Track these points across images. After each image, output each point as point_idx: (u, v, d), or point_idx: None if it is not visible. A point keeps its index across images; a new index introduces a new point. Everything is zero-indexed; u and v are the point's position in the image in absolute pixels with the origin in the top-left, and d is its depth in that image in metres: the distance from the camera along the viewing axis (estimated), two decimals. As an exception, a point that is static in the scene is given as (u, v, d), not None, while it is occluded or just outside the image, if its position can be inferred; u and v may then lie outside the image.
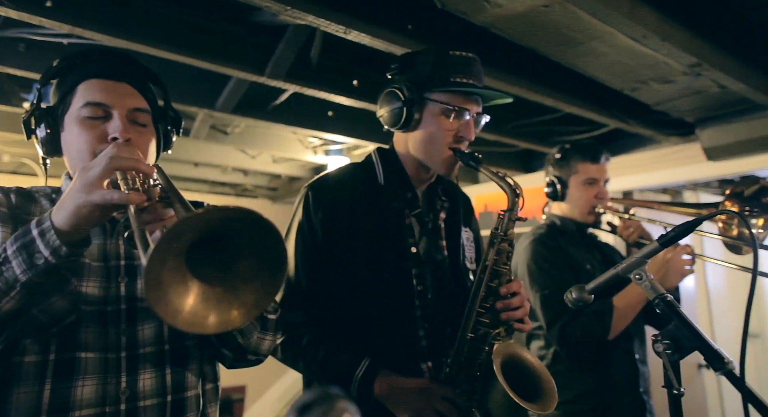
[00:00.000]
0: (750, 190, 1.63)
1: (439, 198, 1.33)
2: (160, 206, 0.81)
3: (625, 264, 1.03)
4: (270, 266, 0.68)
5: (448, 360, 1.17)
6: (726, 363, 0.86)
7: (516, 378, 1.09)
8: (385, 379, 1.14)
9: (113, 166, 0.78)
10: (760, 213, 1.64)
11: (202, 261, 0.67)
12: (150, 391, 0.92)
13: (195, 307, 0.64)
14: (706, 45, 1.80)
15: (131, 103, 0.98)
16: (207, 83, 2.37)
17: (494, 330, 1.16)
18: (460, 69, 1.19)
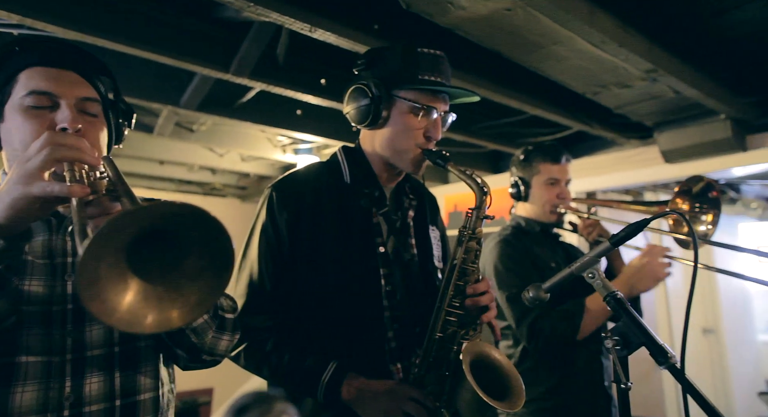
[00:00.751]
0: (697, 188, 1.70)
1: (407, 196, 1.32)
2: (106, 200, 0.76)
3: (579, 263, 1.06)
4: (217, 265, 0.66)
5: (417, 360, 1.16)
6: (669, 357, 0.89)
7: (484, 377, 1.09)
8: (352, 383, 1.12)
9: (55, 157, 0.74)
10: (709, 208, 1.71)
11: (144, 257, 0.65)
12: (97, 395, 0.89)
13: (134, 305, 0.62)
14: (661, 52, 1.87)
15: (80, 92, 0.93)
16: (171, 79, 2.31)
17: (463, 329, 1.16)
18: (429, 67, 1.18)
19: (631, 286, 1.62)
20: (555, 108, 2.47)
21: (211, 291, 0.67)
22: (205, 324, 0.94)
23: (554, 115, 2.50)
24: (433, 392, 1.13)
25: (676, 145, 2.63)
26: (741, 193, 4.87)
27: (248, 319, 1.15)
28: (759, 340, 5.36)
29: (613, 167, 3.15)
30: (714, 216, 1.70)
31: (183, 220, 0.63)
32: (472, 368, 1.08)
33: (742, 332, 5.09)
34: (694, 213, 1.73)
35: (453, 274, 1.16)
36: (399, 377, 1.18)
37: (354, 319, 1.18)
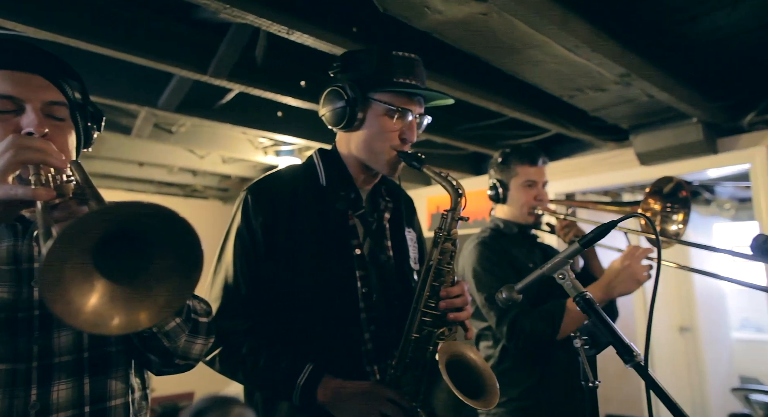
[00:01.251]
0: (668, 188, 1.75)
1: (383, 198, 1.32)
2: (73, 203, 0.75)
3: (551, 264, 1.08)
4: (185, 266, 0.66)
5: (393, 362, 1.16)
6: (634, 356, 0.92)
7: (460, 376, 1.10)
8: (328, 385, 1.12)
9: (20, 159, 0.73)
10: (680, 208, 1.75)
11: (112, 258, 0.64)
12: (65, 403, 0.87)
13: (100, 306, 0.62)
14: (634, 56, 1.91)
15: (46, 96, 0.91)
16: (149, 81, 2.29)
17: (438, 329, 1.17)
18: (404, 70, 1.19)
19: (611, 288, 1.60)
20: (533, 111, 2.50)
21: (180, 292, 0.67)
22: (177, 328, 0.93)
23: (532, 117, 2.53)
24: (410, 392, 1.14)
25: (651, 148, 2.69)
26: (715, 194, 4.99)
27: (223, 322, 1.15)
28: (733, 338, 5.50)
29: (590, 169, 3.20)
30: (684, 215, 1.74)
31: (151, 220, 0.63)
32: (448, 368, 1.09)
33: (717, 330, 5.21)
34: (666, 212, 1.78)
35: (429, 275, 1.17)
36: (376, 379, 1.19)
37: (330, 321, 1.18)
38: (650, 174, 2.89)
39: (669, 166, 2.77)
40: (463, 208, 1.21)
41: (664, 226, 1.76)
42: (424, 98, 1.25)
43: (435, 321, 1.17)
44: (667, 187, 1.75)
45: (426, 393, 1.13)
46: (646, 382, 0.88)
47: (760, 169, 2.50)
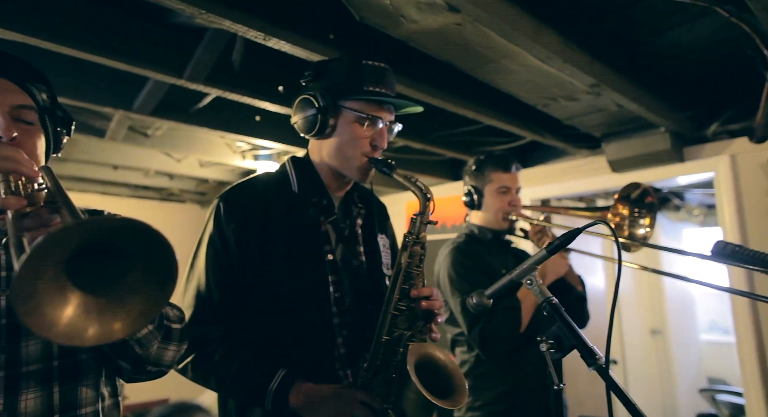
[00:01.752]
0: (635, 194, 1.81)
1: (356, 205, 1.34)
2: (45, 212, 0.75)
3: (519, 270, 1.12)
4: (160, 278, 0.66)
5: (365, 364, 1.17)
6: (597, 359, 0.95)
7: (429, 376, 1.12)
8: (300, 389, 1.12)
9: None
10: (647, 213, 1.82)
11: (86, 270, 0.65)
12: (33, 412, 0.86)
13: (74, 318, 0.62)
14: (604, 67, 1.97)
15: (14, 100, 0.90)
16: (123, 83, 2.26)
17: (409, 332, 1.18)
18: (374, 79, 1.22)
19: (545, 274, 1.79)
20: (509, 118, 2.55)
21: (155, 303, 0.67)
22: (149, 335, 0.93)
23: (508, 125, 2.59)
24: (381, 394, 1.15)
25: (622, 156, 2.77)
26: (684, 200, 5.15)
27: (196, 329, 1.14)
28: (702, 340, 5.67)
29: (564, 176, 3.27)
30: (651, 219, 1.81)
31: (126, 234, 0.63)
32: (417, 369, 1.10)
33: (686, 332, 5.36)
34: (634, 217, 1.84)
35: (398, 278, 1.19)
36: (348, 382, 1.19)
37: (303, 327, 1.19)
38: (621, 181, 2.97)
39: (638, 173, 2.85)
40: (431, 213, 1.24)
41: (632, 230, 1.83)
42: (394, 106, 1.28)
43: (405, 323, 1.18)
44: (634, 193, 1.81)
45: (397, 394, 1.14)
46: (606, 384, 0.91)
47: (723, 177, 2.60)
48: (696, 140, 2.70)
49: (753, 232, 2.53)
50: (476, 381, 1.85)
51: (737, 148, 2.59)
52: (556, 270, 1.81)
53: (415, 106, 1.29)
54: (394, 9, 1.49)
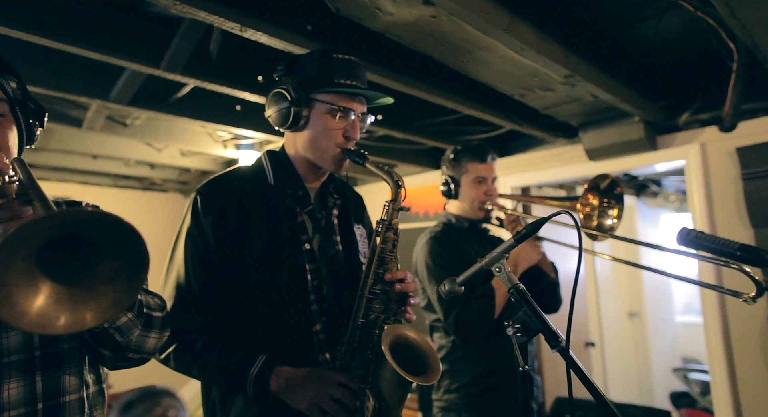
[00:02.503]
0: (604, 184, 1.87)
1: (332, 196, 1.37)
2: (17, 204, 0.76)
3: (488, 258, 1.15)
4: (131, 268, 0.68)
5: (342, 347, 1.21)
6: (559, 341, 1.01)
7: (404, 356, 1.15)
8: (280, 373, 1.16)
9: None
10: (615, 203, 1.88)
11: (58, 261, 0.66)
12: (16, 401, 0.88)
13: (45, 308, 0.64)
14: (578, 59, 2.01)
15: None
16: (100, 73, 2.24)
17: (383, 314, 1.22)
18: (344, 72, 1.24)
19: (519, 262, 1.86)
20: (487, 108, 2.59)
21: (126, 292, 0.69)
22: (129, 322, 0.95)
23: (487, 115, 2.62)
24: (359, 375, 1.19)
25: (598, 144, 2.83)
26: (662, 187, 5.28)
27: (177, 320, 1.16)
28: (677, 322, 5.85)
29: (543, 164, 3.33)
30: (618, 210, 1.87)
31: (96, 226, 0.65)
32: (392, 349, 1.13)
33: (662, 315, 5.53)
34: (603, 207, 1.90)
35: (372, 262, 1.22)
36: (327, 367, 1.23)
37: (282, 314, 1.22)
38: (598, 169, 3.04)
39: (614, 162, 2.92)
40: (403, 199, 1.27)
41: (601, 220, 1.89)
42: (366, 98, 1.30)
43: (380, 306, 1.22)
44: (603, 183, 1.87)
45: (374, 374, 1.18)
46: (567, 364, 0.97)
47: (694, 165, 2.68)
48: (669, 129, 2.77)
49: (721, 217, 2.62)
50: (453, 365, 1.91)
51: (707, 137, 2.66)
52: (529, 258, 1.86)
53: (386, 97, 1.31)
54: (369, 2, 1.51)
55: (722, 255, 1.32)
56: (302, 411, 1.14)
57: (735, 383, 2.56)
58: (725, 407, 2.57)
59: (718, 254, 1.33)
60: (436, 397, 1.97)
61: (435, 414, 1.96)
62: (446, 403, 1.91)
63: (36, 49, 1.80)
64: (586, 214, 1.86)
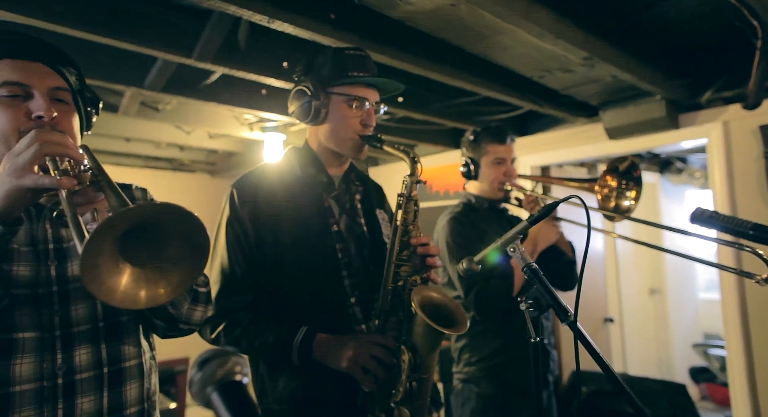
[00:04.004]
0: (623, 166, 1.91)
1: (353, 183, 1.48)
2: (91, 190, 0.85)
3: (503, 239, 1.24)
4: (195, 252, 0.78)
5: (376, 311, 1.30)
6: (568, 315, 1.09)
7: (433, 313, 1.25)
8: (321, 340, 1.26)
9: (44, 152, 0.80)
10: (633, 186, 1.92)
11: (133, 245, 0.75)
12: (86, 365, 0.99)
13: (127, 286, 0.74)
14: (596, 41, 2.03)
15: (51, 82, 0.97)
16: (135, 62, 2.34)
17: (411, 277, 1.32)
18: (356, 65, 1.35)
19: (537, 242, 1.92)
20: (506, 89, 2.62)
21: (191, 273, 0.79)
22: (181, 297, 1.06)
23: (506, 96, 2.65)
24: (393, 335, 1.28)
25: (618, 123, 2.84)
26: (687, 163, 5.20)
27: (223, 302, 1.29)
28: (699, 298, 5.84)
29: (563, 143, 3.35)
30: (636, 192, 1.91)
31: (167, 216, 0.74)
32: (422, 307, 1.23)
33: (684, 292, 5.53)
34: (621, 189, 1.94)
35: (397, 232, 1.33)
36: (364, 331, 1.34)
37: (319, 290, 1.33)
38: (618, 148, 3.06)
39: (635, 140, 2.93)
40: (420, 173, 1.37)
41: (619, 202, 1.93)
42: (378, 88, 1.40)
43: (407, 271, 1.33)
44: (622, 165, 1.91)
45: (407, 333, 1.27)
46: (575, 336, 1.05)
47: (715, 143, 2.67)
48: (691, 107, 2.75)
49: (742, 196, 2.62)
50: (472, 339, 2.01)
51: (730, 115, 2.64)
52: (547, 237, 1.93)
53: (398, 85, 1.41)
54: (390, -8, 1.56)
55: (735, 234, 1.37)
56: (344, 370, 1.24)
57: (751, 358, 2.61)
58: (740, 382, 2.63)
59: (732, 233, 1.37)
60: (456, 369, 2.08)
61: (455, 385, 2.07)
62: (466, 375, 2.01)
63: (78, 42, 1.91)
64: (604, 196, 1.90)
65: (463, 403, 2.03)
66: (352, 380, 1.25)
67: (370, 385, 1.23)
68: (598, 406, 3.06)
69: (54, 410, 0.94)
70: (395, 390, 1.25)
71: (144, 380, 1.09)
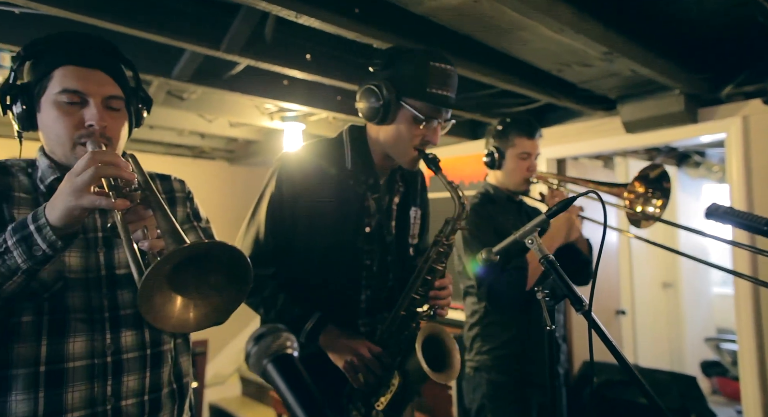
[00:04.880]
0: (654, 174, 1.92)
1: (396, 183, 1.52)
2: (141, 208, 0.91)
3: (522, 231, 1.29)
4: (238, 281, 0.83)
5: (383, 327, 1.38)
6: (583, 305, 1.14)
7: (432, 350, 1.32)
8: (329, 333, 1.35)
9: (100, 174, 0.86)
10: (661, 195, 1.93)
11: (181, 274, 0.80)
12: (131, 345, 1.06)
13: (178, 313, 0.80)
14: (616, 36, 2.05)
15: (106, 91, 1.04)
16: (163, 53, 2.42)
17: (422, 310, 1.39)
18: (438, 81, 1.30)
19: (558, 238, 1.91)
20: (524, 82, 2.64)
21: (235, 299, 0.84)
22: None
23: (524, 89, 2.68)
24: (391, 353, 1.37)
25: (636, 117, 2.84)
26: (706, 157, 5.16)
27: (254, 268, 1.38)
28: (713, 293, 5.83)
29: (580, 136, 3.36)
30: (663, 202, 1.91)
31: (213, 251, 0.81)
32: (424, 343, 1.32)
33: (698, 286, 5.52)
34: (648, 196, 1.95)
35: (424, 268, 1.39)
36: (364, 330, 1.43)
37: (336, 282, 1.42)
38: (636, 141, 3.07)
39: (652, 134, 2.93)
40: (464, 219, 1.41)
41: (645, 207, 1.95)
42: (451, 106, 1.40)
43: (421, 304, 1.40)
44: (653, 173, 1.92)
45: (404, 357, 1.36)
46: (589, 324, 1.11)
47: (734, 138, 2.67)
48: (711, 102, 2.75)
49: (759, 191, 2.63)
50: (485, 329, 2.06)
51: (750, 110, 2.64)
52: (570, 234, 1.92)
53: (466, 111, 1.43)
54: (415, -11, 1.60)
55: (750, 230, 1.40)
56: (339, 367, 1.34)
57: (763, 353, 2.63)
58: (751, 376, 2.66)
59: (747, 229, 1.41)
60: (468, 357, 2.13)
61: (467, 373, 2.13)
62: (477, 363, 2.07)
63: (110, 34, 1.98)
64: (631, 201, 1.93)
65: (474, 388, 2.09)
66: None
67: (359, 384, 1.34)
68: (608, 395, 3.12)
69: (104, 386, 1.03)
70: (378, 400, 1.35)
71: (178, 361, 1.17)
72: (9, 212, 1.01)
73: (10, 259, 0.86)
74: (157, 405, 1.10)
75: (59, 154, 1.06)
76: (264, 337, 0.63)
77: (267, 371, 0.58)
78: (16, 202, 1.03)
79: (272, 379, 0.57)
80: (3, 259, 0.86)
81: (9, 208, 1.01)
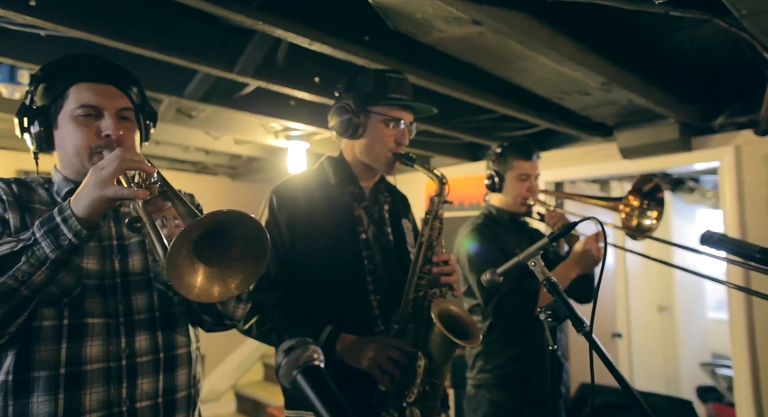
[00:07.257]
0: (647, 187, 1.98)
1: (382, 194, 1.61)
2: (159, 200, 0.98)
3: (526, 253, 1.33)
4: (257, 252, 0.88)
5: (397, 317, 1.40)
6: (584, 326, 1.19)
7: (449, 324, 1.33)
8: (344, 340, 1.37)
9: (123, 167, 0.92)
10: (655, 207, 1.99)
11: (204, 247, 0.86)
12: (145, 349, 1.10)
13: (203, 283, 0.85)
14: (614, 68, 2.14)
15: (119, 104, 1.12)
16: (176, 73, 2.50)
17: (431, 290, 1.42)
18: (396, 87, 1.47)
19: (574, 268, 1.89)
20: (525, 108, 2.73)
21: (255, 270, 0.89)
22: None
23: (524, 114, 2.77)
24: (411, 341, 1.40)
25: (632, 144, 2.94)
26: (700, 183, 5.26)
27: (257, 297, 1.41)
28: (708, 317, 5.86)
29: (578, 160, 3.45)
30: (658, 213, 1.97)
31: (233, 221, 0.86)
32: (439, 318, 1.34)
33: (693, 310, 5.55)
34: (643, 209, 2.01)
35: (422, 247, 1.44)
36: (379, 331, 1.44)
37: (344, 292, 1.45)
38: (631, 167, 3.15)
39: (648, 161, 3.02)
40: (447, 194, 1.49)
41: (640, 221, 2.01)
42: (413, 109, 1.53)
43: (428, 283, 1.44)
44: (647, 186, 1.98)
45: (424, 340, 1.38)
46: (590, 345, 1.15)
47: (727, 167, 2.76)
48: (704, 131, 2.84)
49: (752, 219, 2.70)
50: (488, 347, 2.08)
51: (742, 140, 2.73)
52: (591, 266, 1.91)
53: (430, 108, 1.53)
54: (424, 21, 1.69)
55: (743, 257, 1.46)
56: (364, 369, 1.35)
57: (758, 379, 2.67)
58: (747, 402, 2.69)
59: (739, 256, 1.47)
60: (470, 375, 2.15)
61: (468, 390, 2.14)
62: (479, 381, 2.08)
63: (126, 55, 2.05)
64: (626, 214, 1.98)
65: (476, 407, 2.11)
66: (369, 379, 1.36)
67: (387, 384, 1.35)
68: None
69: (119, 388, 1.06)
70: (409, 391, 1.36)
71: (191, 368, 1.20)
72: (31, 222, 1.06)
73: (39, 249, 0.91)
74: (171, 407, 1.13)
75: (76, 166, 1.11)
76: (294, 350, 0.67)
77: (297, 382, 0.62)
78: (38, 214, 1.08)
79: (303, 389, 0.62)
80: (32, 251, 0.91)
81: (31, 219, 1.07)
